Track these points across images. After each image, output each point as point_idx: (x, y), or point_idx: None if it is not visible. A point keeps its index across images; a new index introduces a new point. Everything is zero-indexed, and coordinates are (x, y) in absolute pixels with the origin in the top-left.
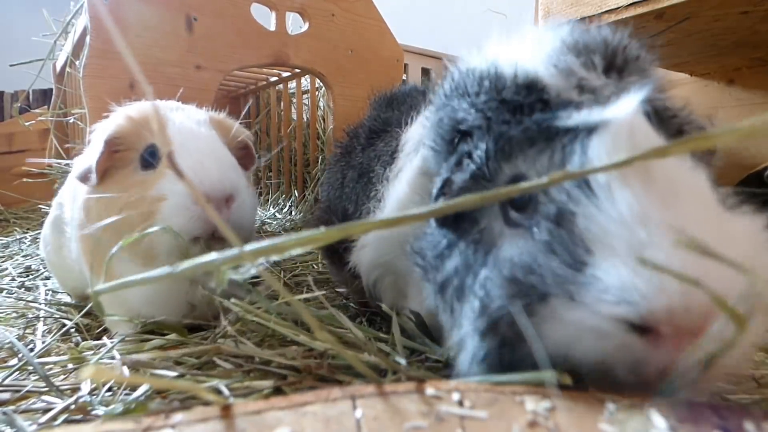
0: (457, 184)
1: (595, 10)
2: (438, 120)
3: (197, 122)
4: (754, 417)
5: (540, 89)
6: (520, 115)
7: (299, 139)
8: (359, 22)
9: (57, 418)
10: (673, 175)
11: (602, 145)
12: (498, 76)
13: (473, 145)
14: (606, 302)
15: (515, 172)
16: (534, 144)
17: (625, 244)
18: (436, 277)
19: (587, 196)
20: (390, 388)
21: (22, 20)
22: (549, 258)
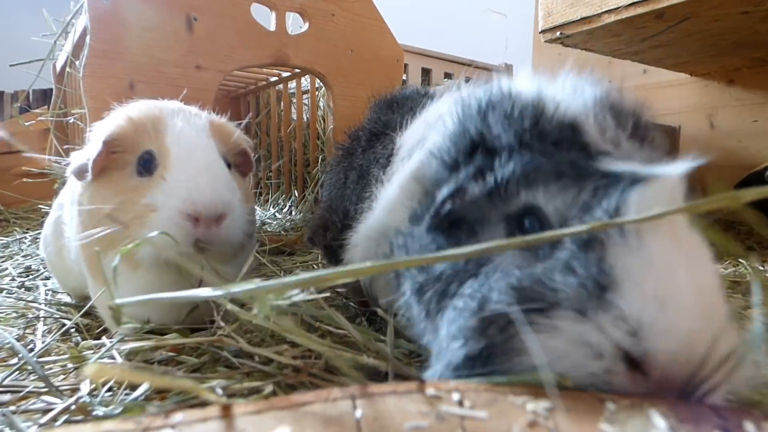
0: (470, 195)
1: (595, 10)
2: (461, 131)
3: (197, 130)
4: (754, 417)
5: (579, 132)
6: (555, 149)
7: (299, 139)
8: (359, 22)
9: (57, 419)
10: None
11: (644, 194)
12: (543, 107)
13: (498, 164)
14: (618, 328)
15: (531, 201)
16: (560, 179)
17: (651, 287)
18: (417, 277)
19: (618, 234)
20: (390, 388)
21: (22, 20)
22: (567, 275)
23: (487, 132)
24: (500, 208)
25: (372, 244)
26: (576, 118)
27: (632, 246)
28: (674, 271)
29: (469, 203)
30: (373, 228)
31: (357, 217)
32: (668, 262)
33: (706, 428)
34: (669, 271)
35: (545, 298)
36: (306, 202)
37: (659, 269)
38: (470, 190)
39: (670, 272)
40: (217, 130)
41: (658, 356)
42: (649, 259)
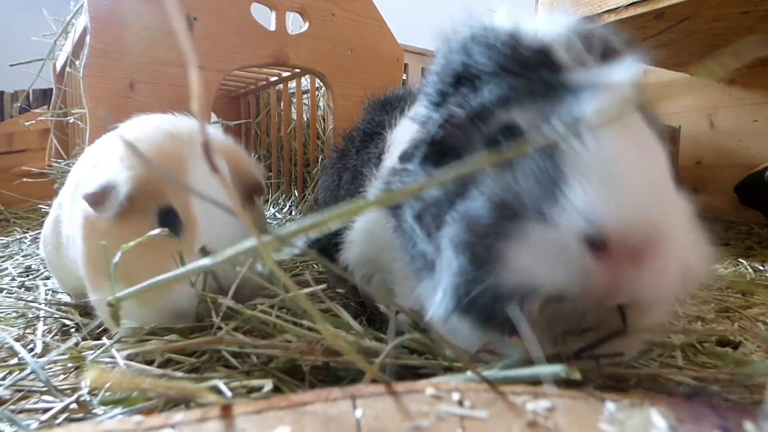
0: (457, 119)
1: (595, 9)
2: (446, 64)
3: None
4: (754, 417)
5: (551, 55)
6: (530, 72)
7: (299, 139)
8: (359, 21)
9: (57, 418)
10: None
11: (598, 98)
12: (519, 36)
13: (480, 88)
14: (572, 219)
15: (509, 120)
16: (533, 97)
17: (596, 176)
18: (415, 206)
19: (575, 136)
20: (390, 388)
21: (22, 20)
22: (530, 182)
23: (470, 62)
24: (482, 131)
25: (369, 239)
26: (548, 43)
27: (586, 144)
28: (623, 158)
29: (457, 128)
30: (369, 221)
31: None
32: (617, 154)
33: (706, 428)
34: (617, 162)
35: (514, 206)
36: (306, 202)
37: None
38: (457, 115)
39: (618, 162)
40: (234, 165)
41: (614, 233)
42: (598, 152)
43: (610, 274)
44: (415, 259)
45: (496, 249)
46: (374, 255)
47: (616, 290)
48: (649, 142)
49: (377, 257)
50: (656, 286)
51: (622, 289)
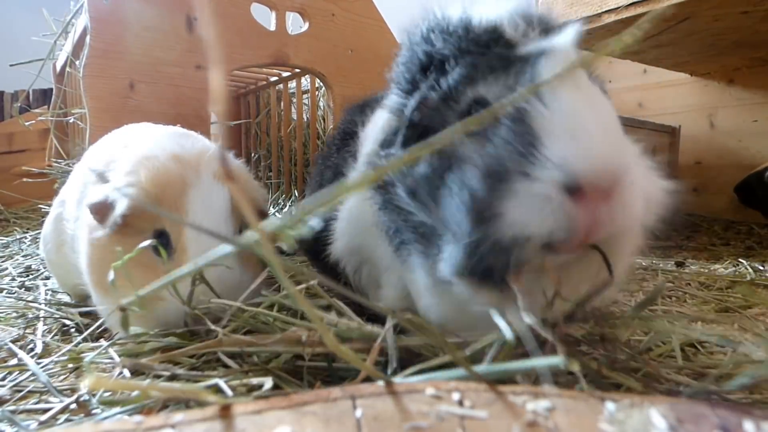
0: (431, 101)
1: (595, 10)
2: (411, 55)
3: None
4: (754, 417)
5: (500, 33)
6: (485, 49)
7: (299, 139)
8: (359, 21)
9: (57, 418)
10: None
11: (549, 62)
12: (470, 21)
13: (446, 72)
14: (551, 173)
15: (477, 95)
16: (494, 72)
17: (564, 132)
18: (406, 181)
19: (537, 100)
20: (390, 388)
21: (22, 20)
22: (509, 147)
23: (432, 50)
24: (455, 110)
25: (354, 227)
26: (496, 23)
27: (548, 105)
28: (582, 114)
29: (432, 110)
30: (352, 210)
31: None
32: (576, 109)
33: (706, 428)
34: (578, 115)
35: (501, 171)
36: None
37: (570, 116)
38: (430, 98)
39: (579, 116)
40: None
41: (586, 176)
42: (560, 111)
43: (588, 212)
44: (404, 233)
45: (493, 209)
46: (359, 243)
47: (595, 225)
48: (598, 97)
49: (362, 246)
50: (626, 215)
51: (600, 223)
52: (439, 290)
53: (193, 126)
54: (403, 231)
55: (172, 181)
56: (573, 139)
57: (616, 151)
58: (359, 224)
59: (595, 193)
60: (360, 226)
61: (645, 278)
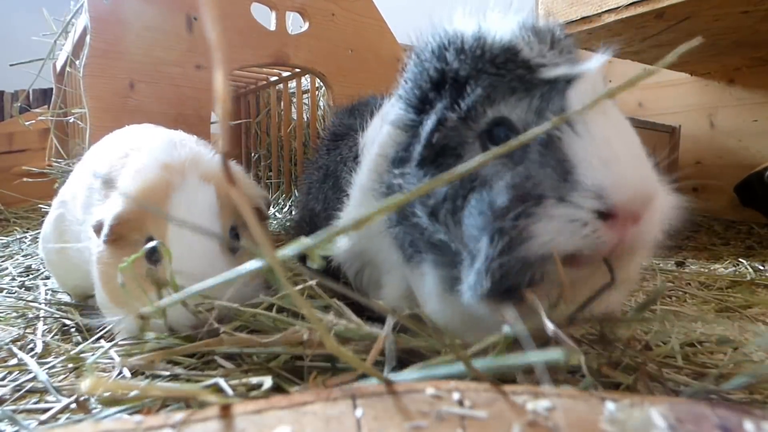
0: (450, 122)
1: (595, 9)
2: (422, 71)
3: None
4: (754, 417)
5: (516, 52)
6: (503, 69)
7: (299, 139)
8: (359, 21)
9: (57, 418)
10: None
11: (579, 90)
12: (485, 38)
13: (463, 91)
14: (587, 199)
15: (497, 115)
16: (515, 93)
17: (598, 159)
18: (427, 202)
19: (568, 127)
20: (390, 388)
21: (22, 20)
22: (542, 170)
23: (446, 68)
24: (474, 129)
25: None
26: (511, 41)
27: (580, 132)
28: (613, 142)
29: (451, 130)
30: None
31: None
32: (607, 137)
33: (706, 427)
34: (610, 143)
35: (534, 193)
36: None
37: (603, 144)
38: (449, 118)
39: (610, 144)
40: (224, 199)
41: (621, 203)
42: (593, 139)
43: (618, 234)
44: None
45: (524, 232)
46: (362, 248)
47: (622, 245)
48: (625, 124)
49: (365, 250)
50: (647, 235)
51: (628, 244)
52: (448, 300)
53: (193, 126)
54: (418, 244)
55: (158, 188)
56: (607, 167)
57: (647, 178)
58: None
59: (627, 218)
60: (364, 232)
61: (645, 278)
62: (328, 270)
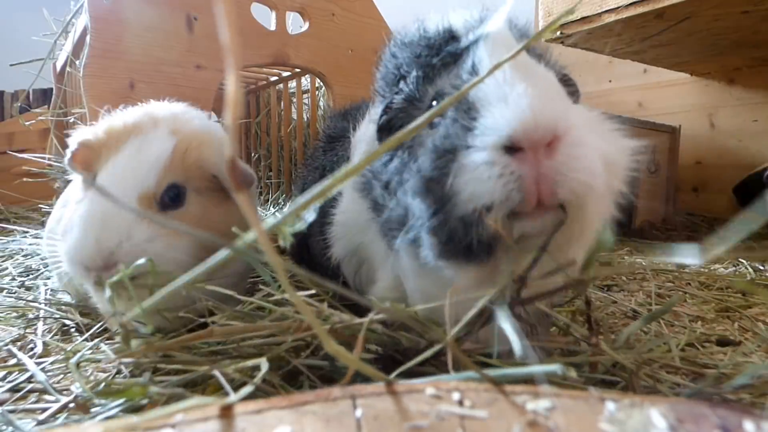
0: (395, 105)
1: (596, 9)
2: (385, 71)
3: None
4: (753, 416)
5: (451, 33)
6: (438, 51)
7: (299, 139)
8: (359, 21)
9: (56, 417)
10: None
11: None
12: (426, 30)
13: (407, 77)
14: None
15: (437, 90)
16: (447, 68)
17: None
18: (381, 178)
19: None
20: (390, 388)
21: (22, 20)
22: (453, 126)
23: (399, 62)
24: (421, 108)
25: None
26: (448, 26)
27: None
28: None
29: (399, 111)
30: (347, 213)
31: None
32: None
33: (706, 427)
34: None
35: (448, 149)
36: None
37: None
38: (394, 101)
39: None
40: (182, 154)
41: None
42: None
43: (532, 168)
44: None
45: (448, 186)
46: (357, 243)
47: (544, 181)
48: (534, 69)
49: (360, 246)
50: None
51: (547, 178)
52: (422, 272)
53: None
54: (388, 222)
55: (124, 129)
56: (505, 104)
57: (549, 109)
58: (355, 224)
59: (533, 149)
60: (356, 225)
61: (645, 278)
62: (326, 271)
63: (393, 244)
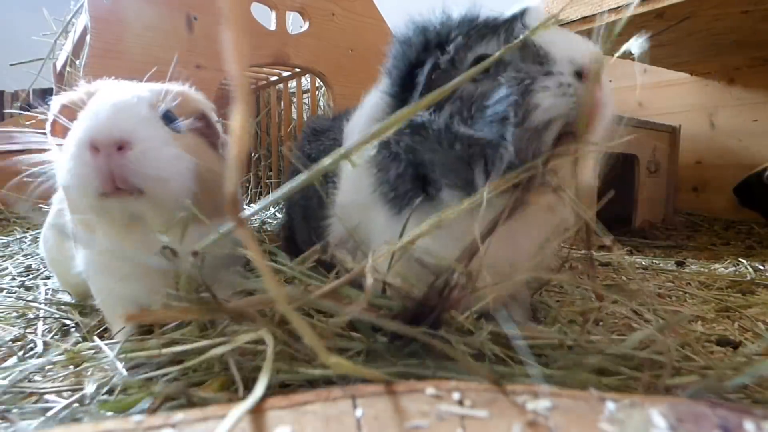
0: (443, 64)
1: (595, 9)
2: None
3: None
4: (754, 416)
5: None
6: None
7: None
8: (359, 21)
9: (56, 417)
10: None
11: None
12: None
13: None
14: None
15: (477, 54)
16: (485, 37)
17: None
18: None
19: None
20: (390, 388)
21: (23, 20)
22: (524, 63)
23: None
24: (460, 68)
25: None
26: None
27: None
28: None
29: (442, 72)
30: (345, 195)
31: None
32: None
33: (706, 427)
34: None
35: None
36: None
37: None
38: (442, 61)
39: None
40: (170, 93)
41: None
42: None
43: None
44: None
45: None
46: (355, 224)
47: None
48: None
49: (356, 227)
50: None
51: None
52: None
53: None
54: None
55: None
56: (568, 44)
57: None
58: (356, 204)
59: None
60: (356, 205)
61: (645, 278)
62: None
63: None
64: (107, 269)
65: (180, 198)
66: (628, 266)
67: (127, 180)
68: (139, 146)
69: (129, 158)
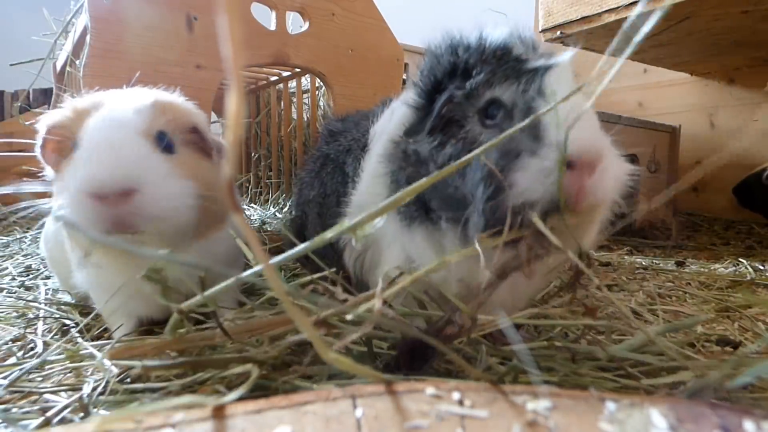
0: (457, 98)
1: (596, 9)
2: (437, 62)
3: (124, 109)
4: (754, 417)
5: (509, 50)
6: (501, 61)
7: (299, 139)
8: (359, 21)
9: (56, 417)
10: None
11: (554, 74)
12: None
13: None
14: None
15: (492, 96)
16: (507, 79)
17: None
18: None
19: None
20: (390, 388)
21: (23, 20)
22: (521, 134)
23: (457, 60)
24: (474, 106)
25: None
26: (505, 42)
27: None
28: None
29: (456, 105)
30: (363, 195)
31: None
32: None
33: (706, 427)
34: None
35: (513, 150)
36: None
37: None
38: (456, 96)
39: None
40: (161, 109)
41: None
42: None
43: (578, 182)
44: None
45: (507, 179)
46: None
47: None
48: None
49: None
50: (605, 188)
51: (587, 191)
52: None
53: None
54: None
55: (95, 100)
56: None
57: (598, 139)
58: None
59: (584, 168)
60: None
61: (645, 278)
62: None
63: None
64: (104, 285)
65: (180, 229)
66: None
67: (133, 224)
68: (144, 190)
69: (135, 204)
